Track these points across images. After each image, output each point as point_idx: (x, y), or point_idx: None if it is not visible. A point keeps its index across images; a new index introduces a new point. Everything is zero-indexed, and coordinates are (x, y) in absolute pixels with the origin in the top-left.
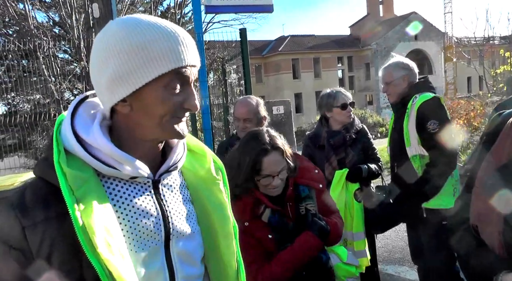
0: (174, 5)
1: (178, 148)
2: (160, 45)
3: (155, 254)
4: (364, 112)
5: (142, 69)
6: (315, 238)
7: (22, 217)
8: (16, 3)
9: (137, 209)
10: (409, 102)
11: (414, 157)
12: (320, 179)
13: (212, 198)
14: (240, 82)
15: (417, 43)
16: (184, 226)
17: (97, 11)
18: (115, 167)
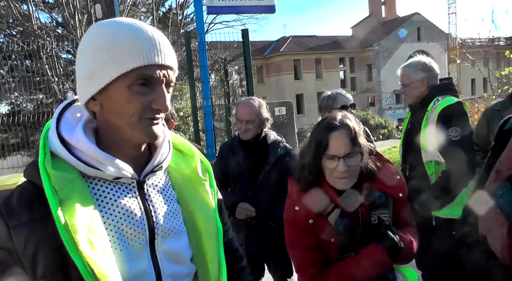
0: (176, 6)
1: (163, 148)
2: (124, 45)
3: (140, 253)
4: (366, 113)
5: (106, 68)
6: (384, 254)
7: (8, 217)
8: (20, 4)
9: (121, 209)
10: (430, 105)
11: (429, 163)
12: (401, 187)
13: (197, 198)
14: (242, 83)
15: (420, 44)
16: (170, 226)
17: (100, 12)
18: (98, 167)
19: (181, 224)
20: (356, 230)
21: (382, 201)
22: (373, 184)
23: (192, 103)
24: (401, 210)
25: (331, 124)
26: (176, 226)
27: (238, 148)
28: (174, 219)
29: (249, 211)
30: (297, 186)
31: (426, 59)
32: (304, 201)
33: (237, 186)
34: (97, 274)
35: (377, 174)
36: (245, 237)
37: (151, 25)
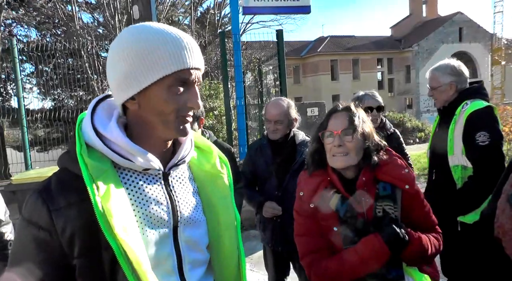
0: (213, 6)
1: (186, 144)
2: (164, 50)
3: (164, 239)
4: (402, 116)
5: (148, 71)
6: (382, 244)
7: (49, 202)
8: (65, 5)
9: (148, 198)
10: (458, 108)
11: (456, 167)
12: (408, 180)
13: (216, 191)
14: (276, 83)
15: (461, 45)
16: (191, 215)
17: (137, 13)
18: (129, 159)
19: (201, 214)
20: (357, 217)
21: (388, 193)
22: (377, 175)
23: (226, 102)
24: (415, 208)
25: (334, 108)
26: (197, 216)
27: (267, 147)
28: (195, 209)
29: (275, 210)
30: (305, 172)
31: (455, 62)
32: (307, 185)
33: (265, 185)
34: (129, 255)
35: (381, 165)
36: (271, 235)
37: (189, 25)
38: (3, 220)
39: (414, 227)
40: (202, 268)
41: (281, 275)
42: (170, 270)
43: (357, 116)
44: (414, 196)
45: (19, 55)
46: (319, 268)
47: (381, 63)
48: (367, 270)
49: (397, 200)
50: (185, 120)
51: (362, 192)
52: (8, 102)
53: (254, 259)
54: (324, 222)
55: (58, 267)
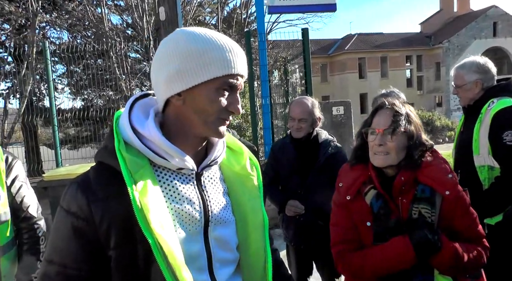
0: (240, 5)
1: (219, 145)
2: (217, 53)
3: (195, 237)
4: (432, 114)
5: (201, 70)
6: (409, 247)
7: (88, 193)
8: (95, 8)
9: (181, 196)
10: (484, 107)
11: (482, 168)
12: (450, 185)
13: (245, 192)
14: (302, 82)
15: (495, 40)
16: (221, 215)
17: (163, 14)
18: (165, 158)
19: (230, 214)
20: (391, 215)
21: (426, 195)
22: (418, 176)
23: (251, 101)
24: (457, 216)
25: (380, 104)
26: (226, 216)
27: (290, 146)
28: (225, 209)
29: (298, 209)
30: (347, 165)
31: (481, 59)
32: (347, 177)
33: (288, 183)
34: (165, 250)
35: (424, 166)
36: (294, 234)
37: (216, 24)
38: (36, 216)
39: (455, 236)
40: (231, 267)
41: (304, 274)
42: (201, 268)
43: (402, 114)
44: (456, 203)
45: (52, 56)
46: (345, 259)
47: (410, 60)
48: (390, 270)
49: (435, 204)
50: (223, 123)
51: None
52: (42, 102)
53: None
54: (358, 215)
55: (94, 256)
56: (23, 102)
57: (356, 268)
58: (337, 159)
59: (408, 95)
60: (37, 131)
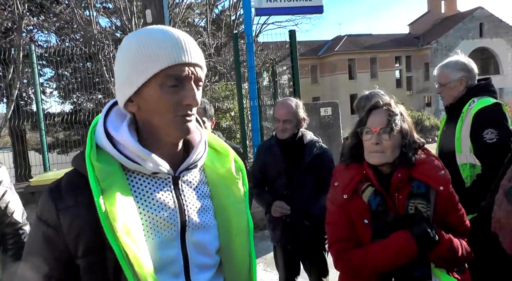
0: (229, 6)
1: (199, 148)
2: (151, 48)
3: (171, 242)
4: (421, 114)
5: (138, 71)
6: (411, 241)
7: (57, 200)
8: (83, 11)
9: (156, 202)
10: (465, 106)
11: (464, 166)
12: (443, 181)
13: (229, 195)
14: (290, 83)
15: (482, 41)
16: (200, 219)
17: (150, 17)
18: (138, 162)
19: (211, 218)
20: (389, 212)
21: (421, 191)
22: (412, 173)
23: (240, 103)
24: (449, 211)
25: (374, 104)
26: (206, 221)
27: (276, 147)
28: (205, 214)
29: (284, 210)
30: (341, 164)
31: (465, 58)
32: (342, 176)
33: (274, 184)
34: (131, 258)
35: (418, 164)
36: (280, 235)
37: (205, 26)
38: (21, 222)
39: (447, 231)
40: (210, 272)
41: (292, 274)
42: (177, 273)
43: (396, 113)
44: (448, 199)
45: (40, 60)
46: (345, 257)
47: (399, 61)
48: (391, 266)
49: (430, 200)
50: (185, 119)
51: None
52: (30, 106)
53: (268, 259)
54: (356, 214)
55: (64, 264)
56: (10, 106)
57: (357, 266)
58: (322, 160)
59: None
60: (25, 135)
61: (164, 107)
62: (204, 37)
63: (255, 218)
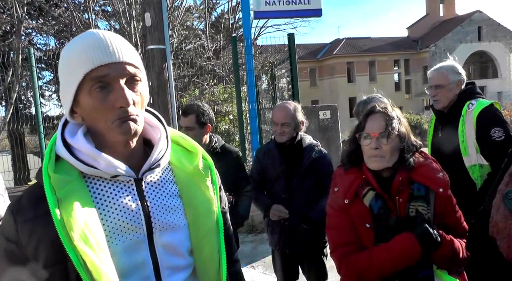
0: (227, 10)
1: (159, 146)
2: (75, 54)
3: (137, 246)
4: (420, 117)
5: (68, 80)
6: (415, 242)
7: (17, 214)
8: (82, 14)
9: (117, 206)
10: (464, 109)
11: (473, 167)
12: (442, 183)
13: (198, 194)
14: (289, 86)
15: (480, 44)
16: (168, 220)
17: (149, 20)
18: (94, 166)
19: (180, 218)
20: (390, 215)
21: (421, 194)
22: (412, 175)
23: (238, 106)
24: (448, 213)
25: (371, 109)
26: (175, 221)
27: (274, 150)
28: (173, 214)
29: (282, 213)
30: (340, 169)
31: (456, 63)
32: (342, 181)
33: (272, 188)
34: (89, 267)
35: (417, 166)
36: (278, 238)
37: (204, 29)
38: None
39: (447, 232)
40: (185, 273)
41: (290, 278)
42: (147, 276)
43: (394, 117)
44: (447, 201)
45: (39, 63)
46: (349, 262)
47: (398, 64)
48: (396, 268)
49: (430, 202)
50: (124, 122)
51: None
52: (28, 109)
53: (267, 262)
54: (357, 218)
55: (26, 277)
56: (9, 109)
57: (361, 269)
58: (321, 164)
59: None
60: (23, 139)
61: (99, 114)
62: (203, 40)
63: (254, 221)
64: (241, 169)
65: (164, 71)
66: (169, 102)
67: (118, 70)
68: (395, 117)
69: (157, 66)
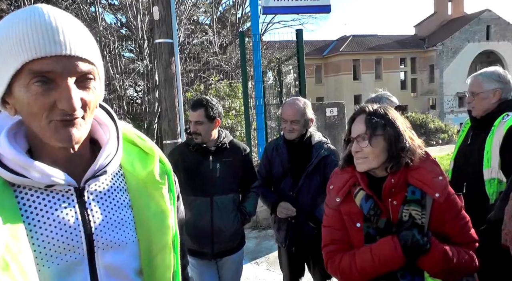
0: (233, 4)
1: (107, 149)
2: (14, 36)
3: (75, 268)
4: (425, 116)
5: (2, 65)
6: (397, 248)
7: None
8: (89, 7)
9: (52, 221)
10: (498, 119)
11: (492, 181)
12: (439, 188)
13: (151, 204)
14: (296, 83)
15: (488, 44)
16: (114, 237)
17: (157, 14)
18: (23, 174)
19: (128, 234)
20: (380, 216)
21: (416, 197)
22: (408, 178)
23: (245, 102)
24: (448, 219)
25: (355, 112)
26: (121, 238)
27: (283, 147)
28: (120, 229)
29: (289, 211)
30: (338, 168)
31: (502, 70)
32: (337, 180)
33: (280, 185)
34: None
35: (413, 168)
36: (285, 236)
37: (211, 24)
38: None
39: (447, 240)
40: None
41: (296, 275)
42: None
43: (376, 119)
44: (447, 206)
45: None
46: (334, 260)
47: (404, 62)
48: (378, 271)
49: (426, 206)
50: (64, 124)
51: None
52: None
53: (271, 259)
54: (348, 217)
55: None
56: None
57: (344, 269)
58: (329, 161)
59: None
60: None
61: (34, 110)
62: (210, 35)
63: (258, 217)
64: (249, 165)
65: (171, 65)
66: (176, 96)
67: (67, 67)
68: (379, 117)
69: (164, 60)
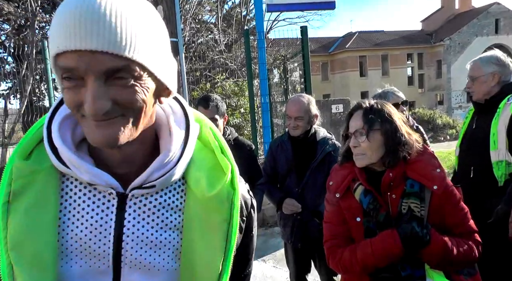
0: (239, 3)
1: (159, 161)
2: (52, 24)
3: (100, 276)
4: (433, 112)
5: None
6: (396, 241)
7: None
8: None
9: (85, 221)
10: (502, 102)
11: (500, 163)
12: (437, 181)
13: (206, 231)
14: (301, 80)
15: (497, 38)
16: (145, 258)
17: (162, 13)
18: (69, 167)
19: (164, 260)
20: (380, 210)
21: (415, 190)
22: (407, 172)
23: (250, 100)
24: (447, 211)
25: (353, 107)
26: (154, 262)
27: (288, 144)
28: (156, 252)
29: (295, 207)
30: (337, 164)
31: (501, 53)
32: (336, 175)
33: (285, 181)
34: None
35: (412, 162)
36: (291, 232)
37: (216, 23)
38: None
39: (447, 231)
40: None
41: (302, 271)
42: None
43: (373, 114)
44: (445, 198)
45: None
46: (335, 255)
47: (411, 58)
48: (379, 264)
49: (425, 199)
50: (96, 123)
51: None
52: (42, 102)
53: (278, 256)
54: (348, 212)
55: None
56: (24, 102)
57: (346, 263)
58: (334, 157)
59: (409, 93)
60: None
61: (67, 104)
62: (215, 34)
63: (265, 215)
64: (254, 162)
65: None
66: (182, 95)
67: (91, 63)
68: (376, 113)
69: None
